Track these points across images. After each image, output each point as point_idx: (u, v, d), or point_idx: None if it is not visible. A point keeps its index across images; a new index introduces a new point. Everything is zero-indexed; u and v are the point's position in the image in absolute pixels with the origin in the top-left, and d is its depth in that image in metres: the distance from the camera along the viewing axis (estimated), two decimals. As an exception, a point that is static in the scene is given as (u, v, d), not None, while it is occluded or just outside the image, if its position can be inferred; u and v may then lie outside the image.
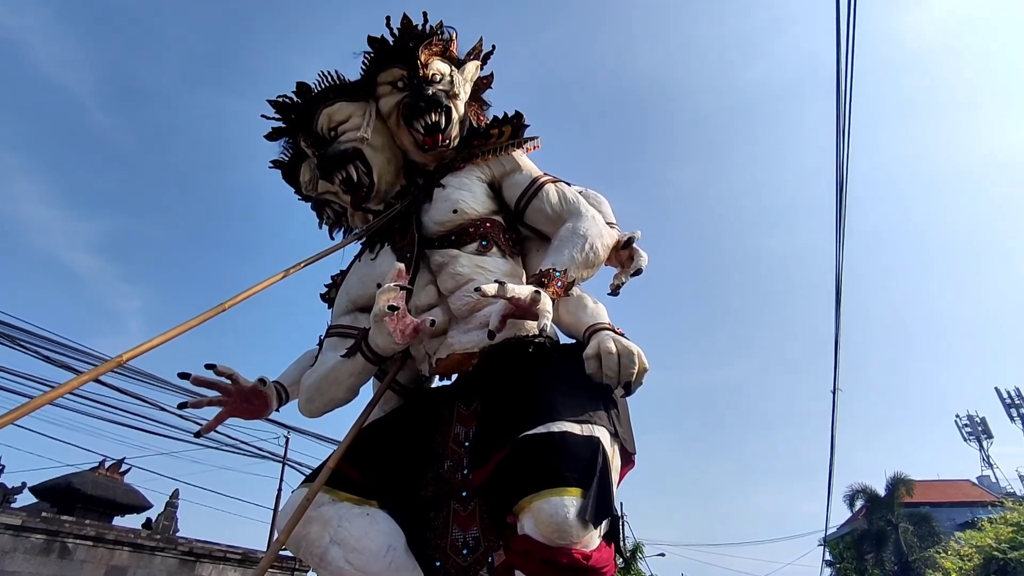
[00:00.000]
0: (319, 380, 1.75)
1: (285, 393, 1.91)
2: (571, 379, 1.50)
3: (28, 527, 7.38)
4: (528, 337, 1.63)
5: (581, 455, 1.27)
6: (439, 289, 1.81)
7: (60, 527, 7.61)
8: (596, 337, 1.56)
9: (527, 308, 1.46)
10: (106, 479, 9.69)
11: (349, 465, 1.58)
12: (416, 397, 1.91)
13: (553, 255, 1.71)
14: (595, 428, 1.36)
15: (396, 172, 2.08)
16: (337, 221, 2.26)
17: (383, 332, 1.55)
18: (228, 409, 1.75)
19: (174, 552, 8.89)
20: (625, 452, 1.50)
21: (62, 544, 7.58)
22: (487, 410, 1.60)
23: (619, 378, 1.47)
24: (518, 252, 1.94)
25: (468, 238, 1.82)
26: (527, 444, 1.29)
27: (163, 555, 8.72)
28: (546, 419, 1.32)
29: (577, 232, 1.76)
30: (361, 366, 1.69)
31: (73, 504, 8.83)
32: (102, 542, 7.97)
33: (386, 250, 1.93)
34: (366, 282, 1.90)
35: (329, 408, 1.81)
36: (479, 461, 1.45)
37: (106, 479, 9.69)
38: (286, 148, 2.18)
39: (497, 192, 1.99)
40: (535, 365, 1.57)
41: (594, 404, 1.44)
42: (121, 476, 10.12)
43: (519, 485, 1.25)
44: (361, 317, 1.86)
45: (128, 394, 8.02)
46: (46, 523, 7.54)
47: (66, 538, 7.55)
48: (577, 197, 1.92)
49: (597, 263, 1.79)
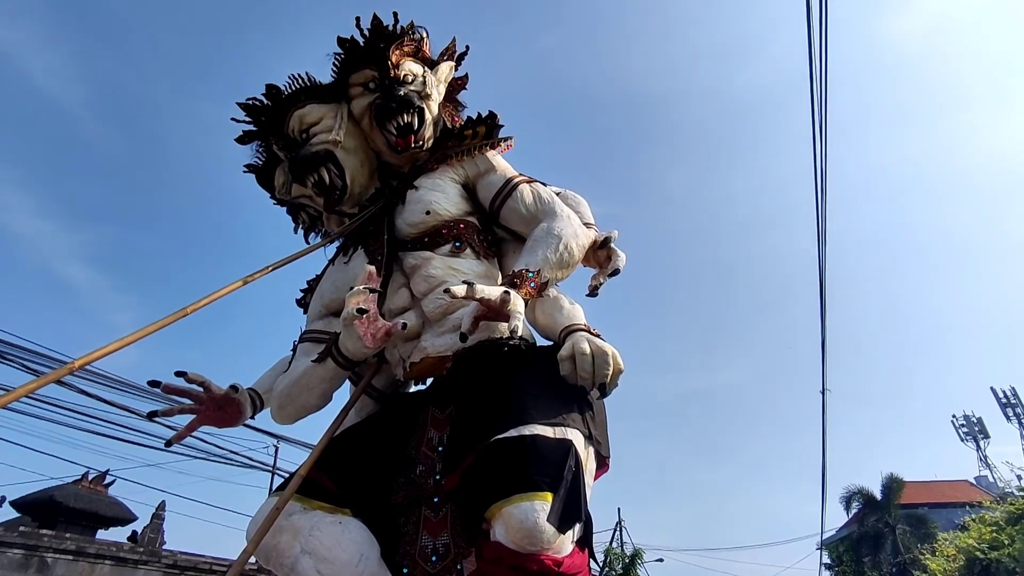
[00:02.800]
0: (290, 386, 1.75)
1: (260, 400, 1.90)
2: (545, 381, 1.49)
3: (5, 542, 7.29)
4: (502, 339, 1.63)
5: (552, 458, 1.27)
6: (412, 292, 1.81)
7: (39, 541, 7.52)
8: (571, 338, 1.56)
9: (498, 309, 1.46)
10: (89, 492, 9.59)
11: (321, 473, 1.57)
12: (392, 402, 1.91)
13: (526, 256, 1.72)
14: (568, 431, 1.35)
15: (370, 174, 2.08)
16: (313, 225, 2.26)
17: (353, 336, 1.55)
18: (200, 417, 1.73)
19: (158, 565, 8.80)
20: (599, 455, 1.49)
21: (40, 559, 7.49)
22: (460, 414, 1.59)
23: (593, 379, 1.47)
24: (494, 254, 1.95)
25: (441, 240, 1.82)
26: (497, 448, 1.29)
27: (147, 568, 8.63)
28: (517, 422, 1.32)
29: (551, 232, 1.76)
30: (332, 371, 1.69)
31: (55, 518, 8.74)
32: (83, 556, 7.88)
33: (359, 253, 1.93)
34: (339, 286, 1.90)
35: (301, 415, 1.80)
36: (451, 466, 1.45)
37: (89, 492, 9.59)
38: (259, 152, 2.18)
39: (471, 193, 1.99)
40: (508, 367, 1.57)
41: (568, 406, 1.43)
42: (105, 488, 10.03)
43: (490, 490, 1.24)
44: (335, 322, 1.86)
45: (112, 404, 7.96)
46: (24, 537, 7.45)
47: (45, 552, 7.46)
48: (552, 197, 1.92)
49: (572, 263, 1.79)
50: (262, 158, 2.19)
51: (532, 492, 1.19)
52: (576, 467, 1.30)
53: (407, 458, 1.63)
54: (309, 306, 2.07)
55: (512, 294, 1.48)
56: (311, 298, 2.09)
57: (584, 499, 1.29)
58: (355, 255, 1.95)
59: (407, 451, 1.64)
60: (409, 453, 1.64)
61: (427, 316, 1.75)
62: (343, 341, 1.61)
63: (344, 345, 1.62)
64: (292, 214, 2.28)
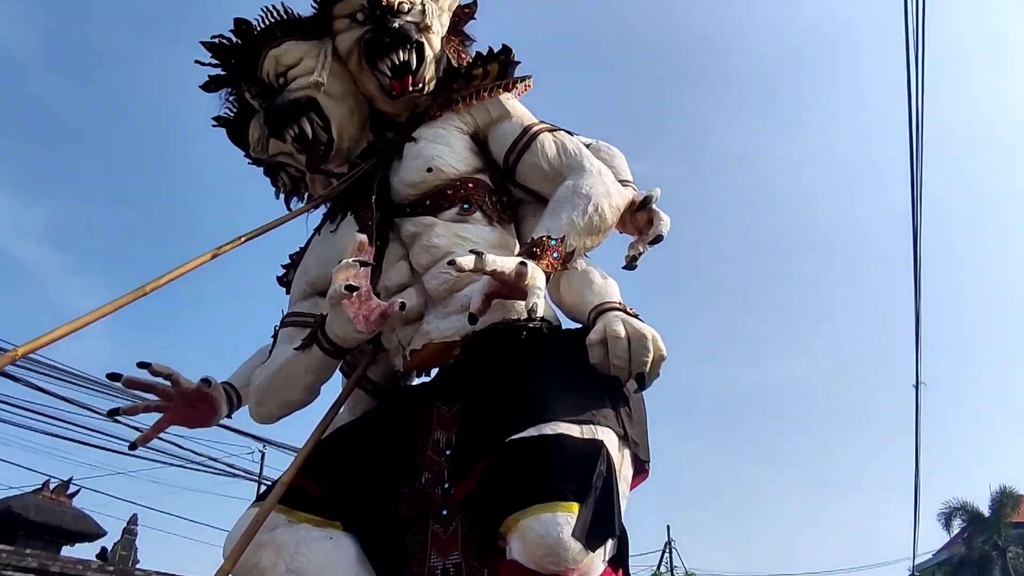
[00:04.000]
0: (271, 378, 1.77)
1: (236, 396, 1.93)
2: (571, 370, 1.50)
3: (-40, 559, 7.58)
4: (519, 321, 1.63)
5: (579, 462, 1.27)
6: (412, 266, 1.81)
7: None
8: (602, 319, 1.55)
9: (514, 284, 1.45)
10: (51, 503, 9.91)
11: (309, 480, 1.60)
12: (391, 398, 1.92)
13: (548, 220, 1.70)
14: (598, 429, 1.36)
15: (360, 125, 2.07)
16: (294, 188, 2.25)
17: (342, 318, 1.55)
18: (169, 415, 1.75)
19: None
20: (637, 459, 1.50)
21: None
22: (471, 411, 1.60)
23: (630, 368, 1.47)
24: (509, 219, 1.93)
25: (446, 202, 1.81)
26: (514, 450, 1.30)
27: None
28: (538, 419, 1.32)
29: (579, 191, 1.75)
30: (319, 360, 1.70)
31: (14, 532, 9.07)
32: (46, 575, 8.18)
33: (348, 220, 1.93)
34: (326, 260, 1.90)
35: (284, 412, 1.83)
36: (461, 472, 1.46)
37: (51, 503, 9.91)
38: (230, 101, 2.17)
39: (482, 145, 1.97)
40: (527, 355, 1.57)
41: (598, 401, 1.43)
42: (69, 499, 10.34)
43: (505, 500, 1.25)
44: (321, 302, 1.86)
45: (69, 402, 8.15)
46: (-20, 553, 7.75)
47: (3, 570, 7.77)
48: (580, 149, 1.90)
49: (604, 228, 1.77)
50: (233, 108, 2.18)
51: (555, 502, 1.20)
52: (608, 472, 1.30)
53: (410, 463, 1.64)
54: (292, 284, 2.07)
55: (531, 266, 1.48)
56: (294, 275, 2.09)
57: (617, 510, 1.29)
58: (344, 222, 1.95)
59: (410, 455, 1.66)
60: (412, 458, 1.65)
61: (430, 294, 1.74)
62: (331, 325, 1.62)
63: (332, 329, 1.62)
64: (270, 175, 2.27)
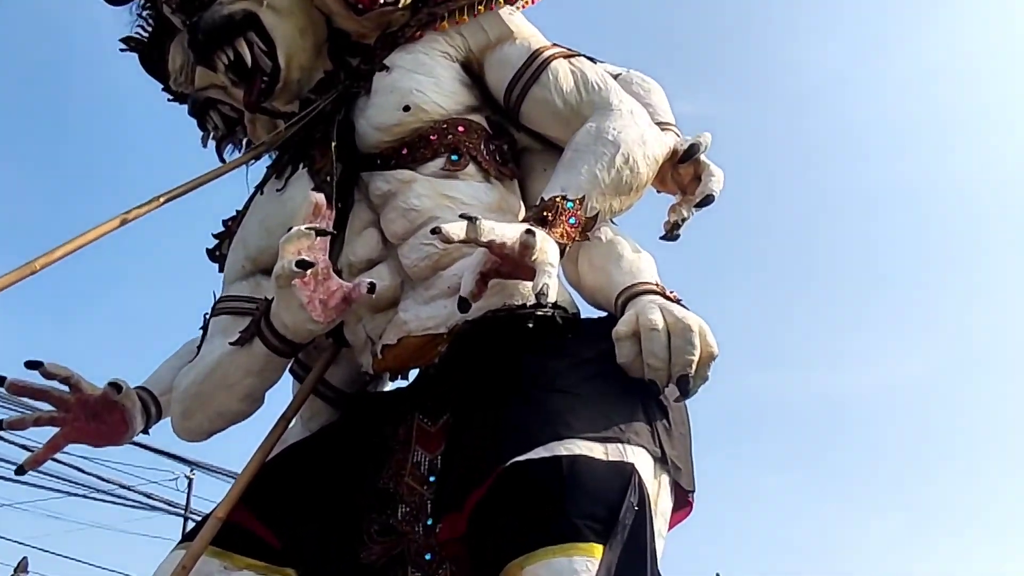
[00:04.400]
0: (200, 382, 1.66)
1: (156, 405, 1.84)
2: (592, 373, 1.41)
3: None
4: (524, 308, 1.53)
5: (603, 491, 1.20)
6: (384, 235, 1.68)
7: None
8: (634, 305, 1.46)
9: (517, 260, 1.36)
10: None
11: (251, 514, 1.50)
12: (357, 408, 1.82)
13: (563, 175, 1.57)
14: (628, 449, 1.27)
15: (315, 50, 1.90)
16: (229, 132, 2.11)
17: (292, 304, 1.43)
18: (67, 430, 1.67)
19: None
20: (679, 488, 1.41)
21: None
22: (462, 426, 1.50)
23: (669, 370, 1.37)
24: (511, 173, 1.78)
25: (429, 151, 1.66)
26: (518, 476, 1.21)
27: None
28: (550, 436, 1.24)
29: (603, 137, 1.60)
30: (262, 359, 1.58)
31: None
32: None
33: (300, 176, 1.78)
34: (270, 227, 1.76)
35: (218, 425, 1.72)
36: (450, 504, 1.38)
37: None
38: (144, 16, 2.03)
39: (476, 77, 1.82)
40: (535, 352, 1.48)
41: (628, 412, 1.35)
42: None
43: (507, 540, 1.20)
44: (265, 283, 1.75)
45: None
46: None
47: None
48: (605, 81, 1.74)
49: (636, 186, 1.63)
50: (148, 27, 2.04)
51: (571, 543, 1.14)
52: (640, 505, 1.21)
53: (382, 493, 1.55)
54: (226, 260, 1.96)
55: (539, 236, 1.38)
56: (229, 247, 1.98)
57: (652, 555, 1.20)
58: (294, 179, 1.80)
59: (381, 482, 1.56)
60: (385, 486, 1.56)
61: (408, 272, 1.63)
62: (278, 312, 1.49)
63: (280, 319, 1.50)
64: (196, 115, 2.11)
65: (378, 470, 1.58)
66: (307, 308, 1.43)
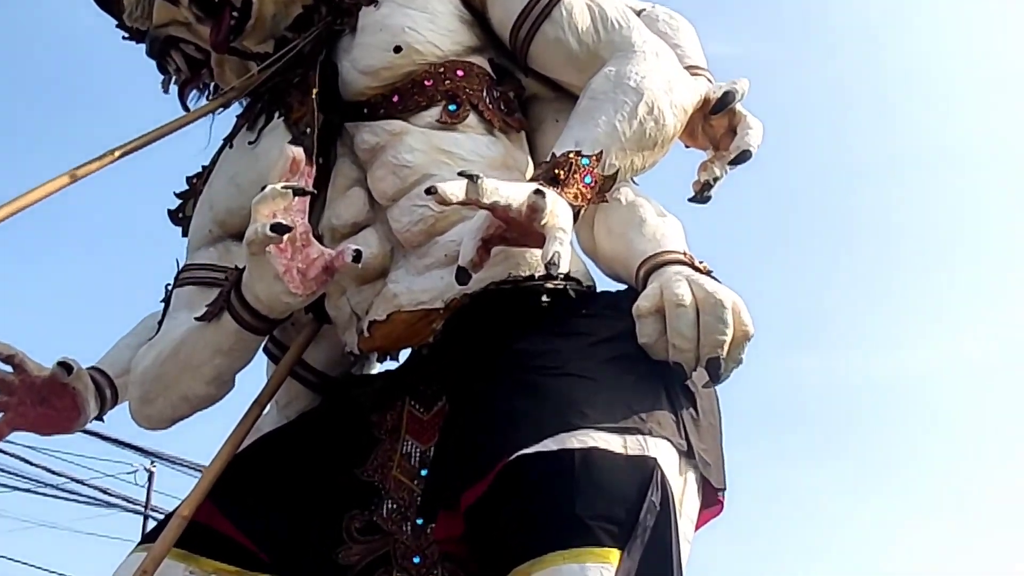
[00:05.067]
0: (162, 363, 1.61)
1: (112, 389, 1.80)
2: (609, 355, 1.36)
3: None
4: (532, 280, 1.49)
5: (621, 490, 1.17)
6: (371, 195, 1.63)
7: None
8: (658, 277, 1.41)
9: (524, 225, 1.32)
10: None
11: (220, 513, 1.48)
12: (340, 393, 1.78)
13: (578, 127, 1.52)
14: (649, 441, 1.22)
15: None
16: (193, 76, 2.02)
17: (266, 274, 1.38)
18: (11, 416, 1.65)
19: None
20: (707, 485, 1.36)
21: None
22: (458, 413, 1.48)
23: (697, 351, 1.32)
24: (518, 124, 1.72)
25: (423, 99, 1.61)
26: (524, 471, 1.18)
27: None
28: (560, 426, 1.20)
29: (624, 83, 1.53)
30: (233, 337, 1.54)
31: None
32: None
33: (276, 127, 1.72)
34: (241, 185, 1.70)
35: (182, 411, 1.67)
36: (443, 502, 1.35)
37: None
38: None
39: (478, 13, 1.75)
40: (544, 331, 1.45)
41: (650, 399, 1.30)
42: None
43: (511, 544, 1.17)
44: (235, 250, 1.70)
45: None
46: None
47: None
48: (627, 18, 1.67)
49: (662, 140, 1.57)
50: None
51: (584, 547, 1.11)
52: (663, 505, 1.17)
53: (366, 487, 1.53)
54: (191, 223, 1.90)
55: (550, 197, 1.32)
56: (194, 209, 1.91)
57: (676, 560, 1.17)
58: (268, 130, 1.74)
59: (365, 475, 1.54)
60: (369, 478, 1.53)
61: (398, 238, 1.58)
62: (250, 283, 1.44)
63: (252, 290, 1.44)
64: (156, 56, 2.00)
65: (362, 461, 1.55)
66: (283, 278, 1.37)
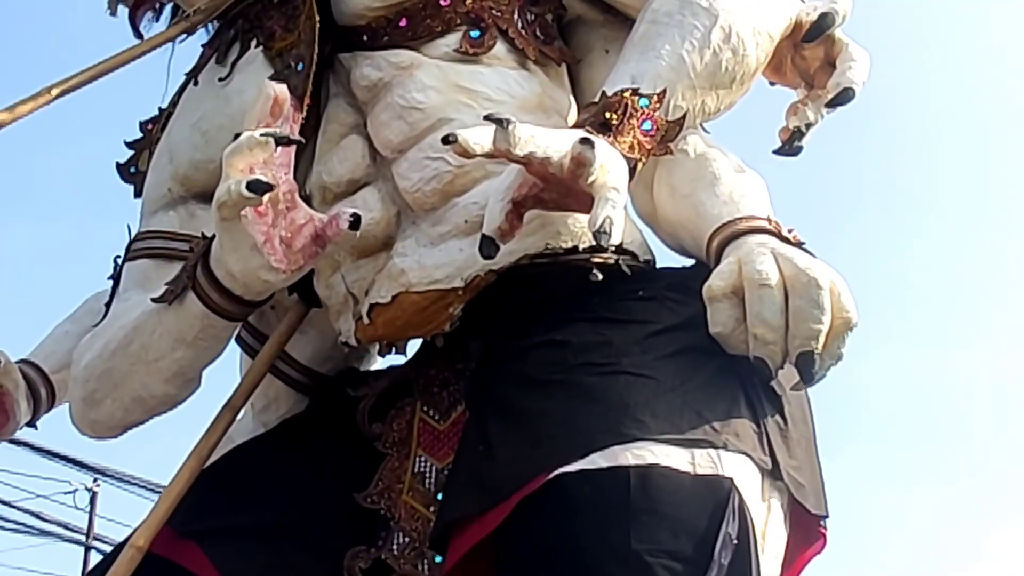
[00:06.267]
0: (110, 356, 1.47)
1: (48, 387, 1.72)
2: (673, 349, 1.24)
3: None
4: (576, 253, 1.35)
5: (688, 519, 1.08)
6: (371, 145, 1.48)
7: None
8: (736, 250, 1.28)
9: (566, 183, 1.21)
10: None
11: (183, 543, 1.37)
12: (332, 395, 1.66)
13: (635, 59, 1.37)
14: (724, 458, 1.12)
15: None
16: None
17: (242, 244, 1.25)
18: None
19: None
20: (802, 513, 1.21)
21: None
22: (481, 422, 1.34)
23: (785, 344, 1.20)
24: (557, 56, 1.57)
25: (438, 23, 1.46)
26: (565, 493, 1.10)
27: None
28: (611, 437, 1.11)
29: (694, 2, 1.40)
30: (199, 323, 1.40)
31: None
32: None
33: (253, 59, 1.60)
34: (208, 132, 1.58)
35: (136, 415, 1.53)
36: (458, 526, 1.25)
37: None
38: None
39: None
40: (591, 318, 1.32)
41: (724, 405, 1.18)
42: None
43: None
44: (202, 214, 1.56)
45: None
46: None
47: None
48: None
49: (743, 74, 1.43)
50: None
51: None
52: (742, 538, 1.06)
53: (369, 516, 1.41)
54: (145, 180, 1.74)
55: (600, 147, 1.19)
56: (149, 162, 1.76)
57: None
58: (243, 63, 1.60)
59: (368, 501, 1.42)
60: (374, 506, 1.42)
61: (407, 201, 1.43)
62: (222, 256, 1.30)
63: (224, 265, 1.30)
64: None
65: (363, 483, 1.40)
66: (263, 250, 1.22)
